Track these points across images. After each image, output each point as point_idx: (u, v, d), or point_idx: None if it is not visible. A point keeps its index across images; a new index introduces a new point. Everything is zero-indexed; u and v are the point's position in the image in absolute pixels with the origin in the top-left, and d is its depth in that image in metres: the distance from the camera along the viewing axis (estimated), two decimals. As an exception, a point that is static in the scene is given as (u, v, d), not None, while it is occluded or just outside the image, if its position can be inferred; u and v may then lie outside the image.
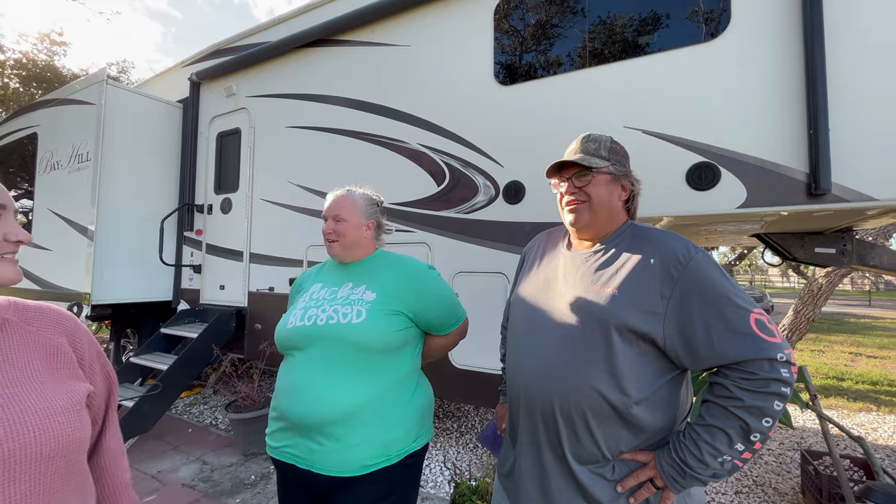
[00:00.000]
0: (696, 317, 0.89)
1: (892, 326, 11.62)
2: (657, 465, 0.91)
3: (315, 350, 1.19)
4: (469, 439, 3.50)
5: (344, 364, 1.17)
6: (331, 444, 1.13)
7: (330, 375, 1.16)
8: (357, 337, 1.17)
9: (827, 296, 5.41)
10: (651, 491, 0.92)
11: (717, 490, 2.74)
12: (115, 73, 13.08)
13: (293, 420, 1.16)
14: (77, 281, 4.06)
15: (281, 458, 1.20)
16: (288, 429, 1.19)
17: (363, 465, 1.13)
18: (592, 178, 1.05)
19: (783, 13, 2.10)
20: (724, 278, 0.91)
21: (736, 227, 2.80)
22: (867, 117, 1.96)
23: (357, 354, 1.18)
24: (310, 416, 1.13)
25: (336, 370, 1.17)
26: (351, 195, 1.39)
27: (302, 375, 1.19)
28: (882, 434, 3.75)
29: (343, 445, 1.13)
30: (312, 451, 1.14)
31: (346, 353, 1.17)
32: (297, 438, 1.17)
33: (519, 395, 1.06)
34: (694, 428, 0.90)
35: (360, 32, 3.42)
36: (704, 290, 0.90)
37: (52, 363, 0.72)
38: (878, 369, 6.29)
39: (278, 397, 1.22)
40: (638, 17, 2.47)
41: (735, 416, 0.85)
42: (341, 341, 1.18)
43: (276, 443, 1.22)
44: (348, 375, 1.16)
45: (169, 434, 3.54)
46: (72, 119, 4.37)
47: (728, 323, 0.87)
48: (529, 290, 1.15)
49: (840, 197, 1.98)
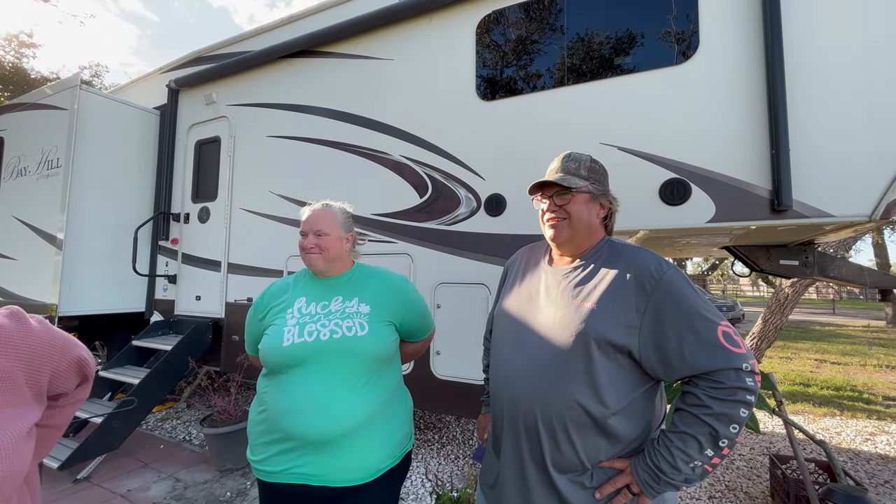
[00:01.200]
0: (668, 329, 0.94)
1: (854, 334, 12.18)
2: (633, 472, 0.95)
3: (321, 365, 1.20)
4: (451, 450, 3.49)
5: (354, 376, 1.21)
6: (349, 454, 1.16)
7: (344, 389, 1.19)
8: (365, 348, 1.23)
9: (793, 305, 5.65)
10: (627, 497, 0.95)
11: (692, 496, 2.81)
12: (87, 77, 12.72)
13: (311, 437, 1.15)
14: (43, 291, 3.90)
15: (288, 481, 1.16)
16: (296, 448, 1.16)
17: (378, 469, 1.21)
18: (572, 198, 1.10)
19: (747, 39, 2.24)
20: (694, 292, 0.97)
21: (707, 239, 2.92)
22: (825, 138, 2.09)
23: (364, 365, 1.23)
24: (330, 430, 1.15)
25: (349, 383, 1.20)
26: (331, 209, 1.41)
27: (313, 392, 1.17)
28: (845, 438, 3.92)
29: (359, 453, 1.18)
30: (330, 466, 1.15)
31: (354, 365, 1.22)
32: (311, 456, 1.16)
33: (502, 407, 1.09)
34: (667, 435, 0.94)
35: (343, 45, 3.45)
36: (677, 303, 0.95)
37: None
38: (842, 375, 6.59)
39: (282, 418, 1.17)
40: (615, 36, 2.58)
41: (705, 423, 0.90)
42: (350, 354, 1.21)
43: (277, 467, 1.17)
44: (360, 386, 1.21)
45: (139, 451, 3.41)
46: (42, 124, 4.23)
47: (698, 335, 0.92)
48: (513, 305, 1.18)
49: (800, 213, 2.10)
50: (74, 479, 2.91)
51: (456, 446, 3.56)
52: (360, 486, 1.17)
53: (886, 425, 4.27)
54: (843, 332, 12.51)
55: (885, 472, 3.18)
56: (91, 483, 2.90)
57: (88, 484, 2.89)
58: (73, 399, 0.90)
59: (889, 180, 1.97)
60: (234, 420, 3.14)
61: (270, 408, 1.22)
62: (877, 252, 15.46)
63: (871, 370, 7.13)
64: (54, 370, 0.77)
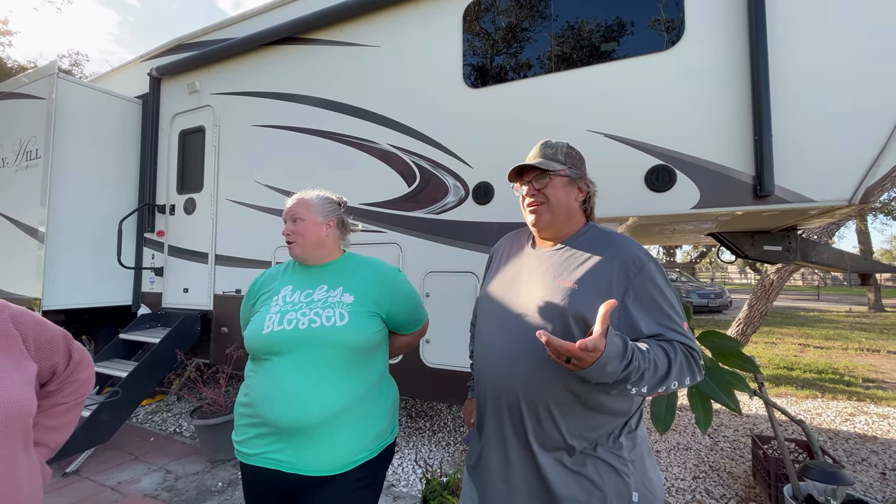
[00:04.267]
0: (642, 314, 0.98)
1: (837, 319, 12.47)
2: (608, 336, 0.85)
3: (298, 354, 1.19)
4: (441, 437, 3.53)
5: (330, 366, 1.19)
6: (320, 445, 1.15)
7: (318, 379, 1.18)
8: (343, 339, 1.21)
9: (778, 291, 5.75)
10: (561, 360, 0.86)
11: (677, 476, 2.88)
12: (67, 66, 12.37)
13: (282, 425, 1.15)
14: (26, 286, 3.83)
15: (262, 465, 1.18)
16: (271, 434, 1.17)
17: (350, 462, 1.19)
18: (550, 181, 1.12)
19: (731, 27, 2.24)
20: (669, 288, 1.02)
21: (694, 226, 2.95)
22: (806, 126, 2.12)
23: (342, 356, 1.21)
24: (301, 419, 1.14)
25: (323, 373, 1.18)
26: (306, 195, 1.41)
27: (288, 380, 1.17)
28: (826, 419, 4.04)
29: (331, 444, 1.16)
30: (301, 455, 1.15)
31: (331, 355, 1.20)
32: (284, 443, 1.16)
33: (486, 389, 1.10)
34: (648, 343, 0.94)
35: (329, 31, 3.39)
36: (652, 294, 0.99)
37: (3, 346, 0.87)
38: (824, 359, 6.76)
39: (260, 403, 1.19)
40: (602, 23, 2.57)
41: (669, 360, 0.93)
42: (327, 344, 1.19)
43: (253, 450, 1.19)
44: (335, 377, 1.19)
45: (129, 444, 3.40)
46: (19, 114, 4.12)
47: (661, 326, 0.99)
48: (496, 288, 1.20)
49: (782, 198, 2.13)
50: (64, 473, 2.89)
51: (447, 433, 3.60)
52: (332, 477, 1.16)
53: (865, 406, 4.40)
54: (826, 318, 12.80)
55: (862, 451, 3.29)
56: (80, 476, 2.89)
57: (78, 477, 2.88)
58: (68, 385, 1.04)
59: (867, 166, 2.00)
60: (225, 411, 3.14)
61: (251, 391, 1.23)
62: (860, 239, 15.78)
63: (852, 353, 7.33)
64: (36, 334, 0.96)
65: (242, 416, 1.24)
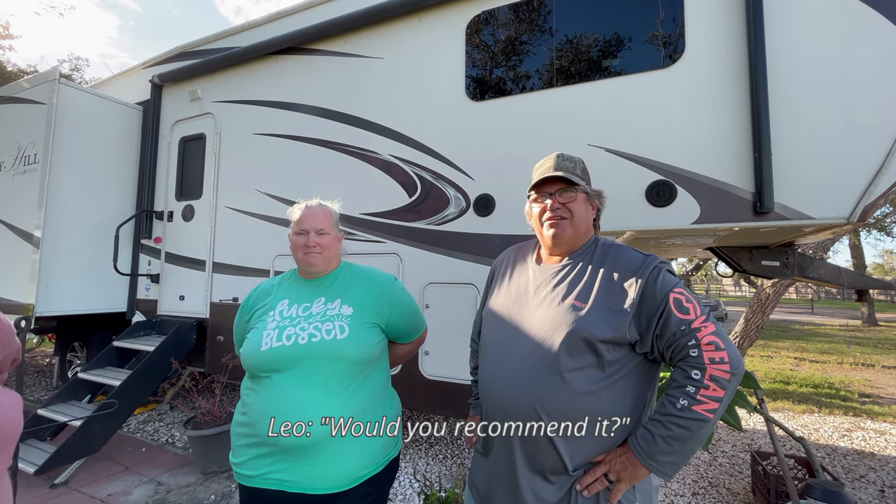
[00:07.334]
0: (650, 321, 0.98)
1: (832, 333, 12.53)
2: (631, 444, 0.96)
3: (299, 369, 1.17)
4: (439, 450, 3.49)
5: (333, 381, 1.17)
6: (325, 462, 1.13)
7: (321, 393, 1.15)
8: (345, 352, 1.19)
9: (774, 304, 5.78)
10: (604, 483, 0.97)
11: (676, 492, 2.85)
12: (67, 70, 12.39)
13: (285, 444, 1.12)
14: (20, 291, 3.78)
15: (264, 486, 1.14)
16: (273, 453, 1.14)
17: (356, 477, 1.16)
18: (576, 196, 1.10)
19: (732, 45, 2.28)
20: (680, 286, 1.00)
21: (692, 240, 2.97)
22: (805, 144, 2.14)
23: (344, 369, 1.19)
24: (306, 437, 1.11)
25: (327, 388, 1.16)
26: (328, 208, 1.39)
27: (289, 397, 1.14)
28: (823, 434, 4.03)
29: (337, 460, 1.14)
30: (306, 473, 1.12)
31: (333, 369, 1.18)
32: (287, 462, 1.13)
33: (494, 412, 1.08)
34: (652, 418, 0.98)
35: (333, 42, 3.42)
36: (657, 300, 0.98)
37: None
38: (820, 373, 6.77)
39: (261, 423, 1.15)
40: (602, 39, 2.61)
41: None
42: (329, 358, 1.17)
43: (254, 471, 1.15)
44: (338, 392, 1.17)
45: (120, 454, 3.33)
46: (19, 118, 4.11)
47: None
48: (501, 305, 1.18)
49: (781, 215, 2.15)
50: (52, 485, 2.82)
51: (444, 446, 3.56)
52: (338, 494, 1.13)
53: (862, 421, 4.40)
54: (821, 332, 12.86)
55: (860, 467, 3.28)
56: (69, 488, 2.83)
57: (66, 489, 2.81)
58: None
59: (866, 184, 2.02)
60: (219, 422, 3.09)
61: (250, 411, 1.19)
62: (853, 253, 15.92)
63: (847, 368, 7.35)
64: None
65: (240, 437, 1.20)
